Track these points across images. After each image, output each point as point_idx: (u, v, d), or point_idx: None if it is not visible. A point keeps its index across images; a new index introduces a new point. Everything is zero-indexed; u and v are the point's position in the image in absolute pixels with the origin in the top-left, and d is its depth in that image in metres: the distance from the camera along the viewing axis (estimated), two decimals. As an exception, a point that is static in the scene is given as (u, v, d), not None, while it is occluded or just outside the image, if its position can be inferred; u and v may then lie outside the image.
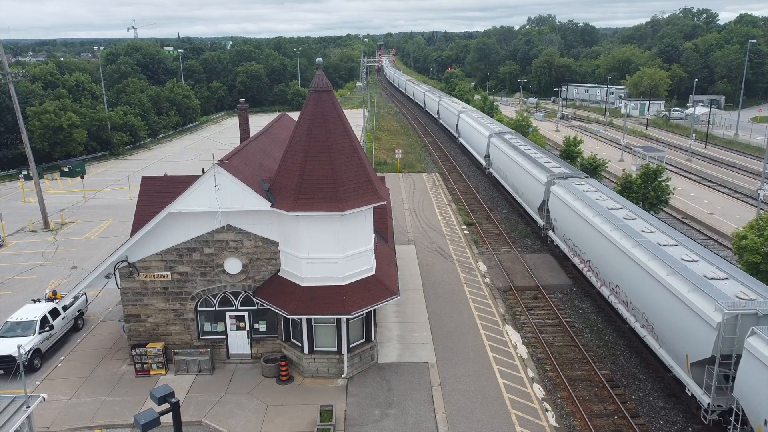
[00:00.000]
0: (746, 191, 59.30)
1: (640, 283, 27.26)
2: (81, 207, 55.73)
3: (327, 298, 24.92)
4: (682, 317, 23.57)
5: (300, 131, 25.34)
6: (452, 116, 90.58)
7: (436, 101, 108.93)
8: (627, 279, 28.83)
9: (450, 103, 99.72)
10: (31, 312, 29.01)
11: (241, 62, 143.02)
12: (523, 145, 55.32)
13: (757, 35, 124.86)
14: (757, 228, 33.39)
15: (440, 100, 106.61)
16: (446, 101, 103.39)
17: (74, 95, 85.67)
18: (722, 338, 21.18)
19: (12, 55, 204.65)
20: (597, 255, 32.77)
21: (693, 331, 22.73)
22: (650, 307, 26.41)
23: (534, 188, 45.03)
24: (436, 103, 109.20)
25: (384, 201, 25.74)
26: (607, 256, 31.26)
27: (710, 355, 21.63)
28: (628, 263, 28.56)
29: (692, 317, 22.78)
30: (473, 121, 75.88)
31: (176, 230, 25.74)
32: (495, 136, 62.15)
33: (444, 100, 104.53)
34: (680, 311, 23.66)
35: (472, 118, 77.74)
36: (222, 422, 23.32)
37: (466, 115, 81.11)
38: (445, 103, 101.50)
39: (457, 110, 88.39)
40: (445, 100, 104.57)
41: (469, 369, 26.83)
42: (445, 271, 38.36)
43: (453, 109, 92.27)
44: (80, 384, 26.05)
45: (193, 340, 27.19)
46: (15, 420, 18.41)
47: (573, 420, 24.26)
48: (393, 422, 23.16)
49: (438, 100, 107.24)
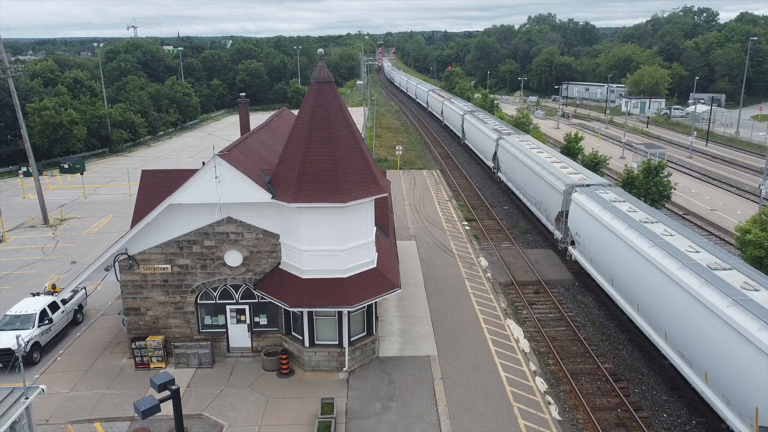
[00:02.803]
0: (748, 188, 59.17)
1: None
2: (81, 203, 55.54)
3: (328, 291, 24.74)
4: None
5: (301, 123, 25.16)
6: (456, 117, 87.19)
7: (440, 101, 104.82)
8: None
9: (456, 103, 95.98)
10: (30, 305, 28.84)
11: (241, 60, 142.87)
12: (536, 148, 51.23)
13: (758, 33, 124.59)
14: (760, 222, 33.25)
15: (444, 100, 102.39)
16: (449, 103, 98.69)
17: (74, 92, 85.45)
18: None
19: (12, 54, 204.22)
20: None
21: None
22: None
23: (552, 198, 40.98)
24: (440, 103, 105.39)
25: (386, 193, 25.57)
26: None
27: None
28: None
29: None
30: (478, 121, 72.56)
31: (176, 222, 25.56)
32: (504, 137, 58.76)
33: (447, 102, 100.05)
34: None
35: (477, 119, 74.49)
36: (222, 415, 23.15)
37: (471, 116, 78.00)
38: (450, 103, 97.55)
39: (462, 111, 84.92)
40: (449, 101, 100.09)
41: (470, 363, 26.65)
42: (447, 266, 38.18)
43: (457, 109, 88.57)
44: (80, 377, 25.87)
45: (193, 334, 27.01)
46: (14, 411, 18.23)
47: (576, 413, 24.10)
48: (395, 415, 22.99)
49: (442, 101, 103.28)
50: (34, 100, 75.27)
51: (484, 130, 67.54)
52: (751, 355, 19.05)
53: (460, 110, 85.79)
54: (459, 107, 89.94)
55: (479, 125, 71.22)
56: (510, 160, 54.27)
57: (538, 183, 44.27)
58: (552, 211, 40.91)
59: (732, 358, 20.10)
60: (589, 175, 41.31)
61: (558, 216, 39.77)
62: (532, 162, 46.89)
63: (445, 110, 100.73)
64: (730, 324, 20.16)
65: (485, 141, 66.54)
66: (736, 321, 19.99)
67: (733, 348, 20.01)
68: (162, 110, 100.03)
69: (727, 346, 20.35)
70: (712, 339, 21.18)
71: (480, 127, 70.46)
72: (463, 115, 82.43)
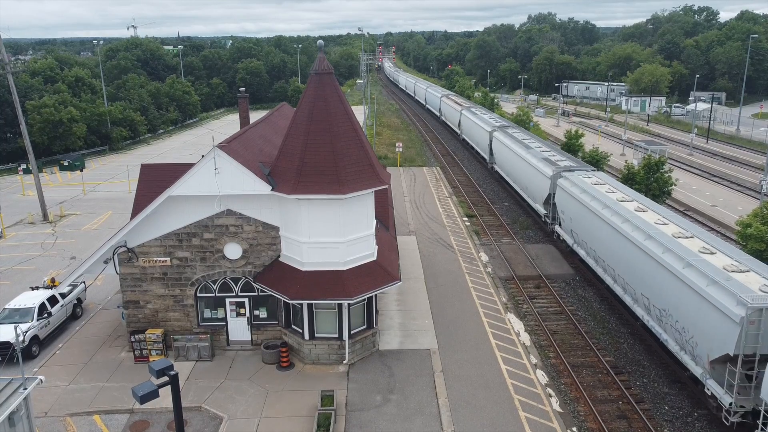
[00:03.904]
0: (748, 184, 59.07)
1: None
2: (80, 200, 55.46)
3: (328, 283, 24.65)
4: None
5: (301, 114, 25.07)
6: (455, 113, 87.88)
7: (438, 97, 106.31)
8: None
9: (455, 99, 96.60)
10: (29, 299, 28.76)
11: (241, 59, 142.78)
12: (527, 139, 53.82)
13: (758, 32, 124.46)
14: (761, 216, 33.17)
15: (442, 97, 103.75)
16: (446, 99, 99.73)
17: (73, 90, 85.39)
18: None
19: (12, 54, 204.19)
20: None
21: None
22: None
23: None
24: (438, 99, 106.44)
25: (386, 185, 25.47)
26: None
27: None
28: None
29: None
30: (474, 116, 74.44)
31: (176, 215, 25.46)
32: (497, 130, 60.99)
33: (445, 98, 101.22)
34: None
35: (473, 114, 76.44)
36: (222, 407, 23.05)
37: (468, 111, 79.41)
38: (447, 100, 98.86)
39: (459, 107, 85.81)
40: (447, 98, 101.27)
41: (471, 356, 26.55)
42: (447, 261, 38.09)
43: (455, 105, 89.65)
44: (79, 370, 25.77)
45: (192, 327, 26.91)
46: (12, 401, 18.12)
47: (577, 405, 24.00)
48: (395, 407, 22.89)
49: (440, 97, 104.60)
50: (34, 97, 75.22)
51: (480, 123, 67.75)
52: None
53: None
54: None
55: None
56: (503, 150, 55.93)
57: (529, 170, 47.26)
58: (542, 194, 43.80)
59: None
60: (575, 162, 44.69)
61: (546, 199, 42.62)
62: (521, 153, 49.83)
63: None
64: (685, 282, 23.41)
65: (480, 133, 66.77)
66: (691, 279, 23.20)
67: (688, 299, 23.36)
68: (162, 108, 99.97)
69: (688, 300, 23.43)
70: (675, 295, 24.38)
71: (476, 120, 70.92)
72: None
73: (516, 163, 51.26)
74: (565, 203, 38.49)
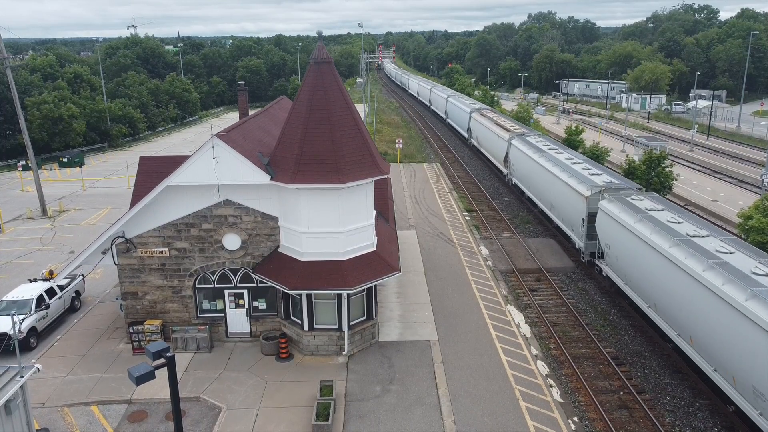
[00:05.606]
0: (749, 180, 58.93)
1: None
2: (79, 195, 55.32)
3: (327, 274, 24.49)
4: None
5: (300, 103, 24.92)
6: (463, 114, 79.87)
7: (444, 98, 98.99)
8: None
9: (462, 100, 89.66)
10: (27, 291, 28.63)
11: (241, 57, 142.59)
12: (554, 149, 45.87)
13: (758, 29, 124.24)
14: (762, 208, 33.04)
15: (448, 97, 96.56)
16: (453, 99, 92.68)
17: (73, 87, 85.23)
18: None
19: (12, 54, 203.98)
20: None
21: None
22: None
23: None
24: (444, 100, 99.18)
25: (385, 174, 25.30)
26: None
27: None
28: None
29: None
30: (488, 121, 65.46)
31: (174, 205, 25.30)
32: (516, 137, 52.96)
33: (452, 98, 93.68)
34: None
35: (486, 118, 67.98)
36: (220, 398, 22.91)
37: (479, 114, 72.17)
38: (454, 100, 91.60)
39: (468, 108, 78.29)
40: (454, 98, 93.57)
41: (471, 347, 26.41)
42: (447, 254, 37.94)
43: (464, 106, 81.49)
44: (77, 362, 25.63)
45: (191, 318, 26.75)
46: (8, 389, 17.97)
47: (578, 395, 23.85)
48: (395, 398, 22.74)
49: (446, 98, 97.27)
50: (33, 94, 75.08)
51: (496, 130, 59.51)
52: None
53: (466, 107, 70.55)
54: (464, 105, 73.44)
55: (490, 125, 58.74)
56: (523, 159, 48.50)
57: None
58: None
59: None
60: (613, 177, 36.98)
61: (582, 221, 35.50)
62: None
63: (449, 108, 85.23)
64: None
65: (496, 141, 58.24)
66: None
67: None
68: (161, 106, 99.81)
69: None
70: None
71: (491, 127, 62.25)
72: (469, 113, 66.44)
73: (546, 181, 42.57)
74: (610, 233, 31.16)
